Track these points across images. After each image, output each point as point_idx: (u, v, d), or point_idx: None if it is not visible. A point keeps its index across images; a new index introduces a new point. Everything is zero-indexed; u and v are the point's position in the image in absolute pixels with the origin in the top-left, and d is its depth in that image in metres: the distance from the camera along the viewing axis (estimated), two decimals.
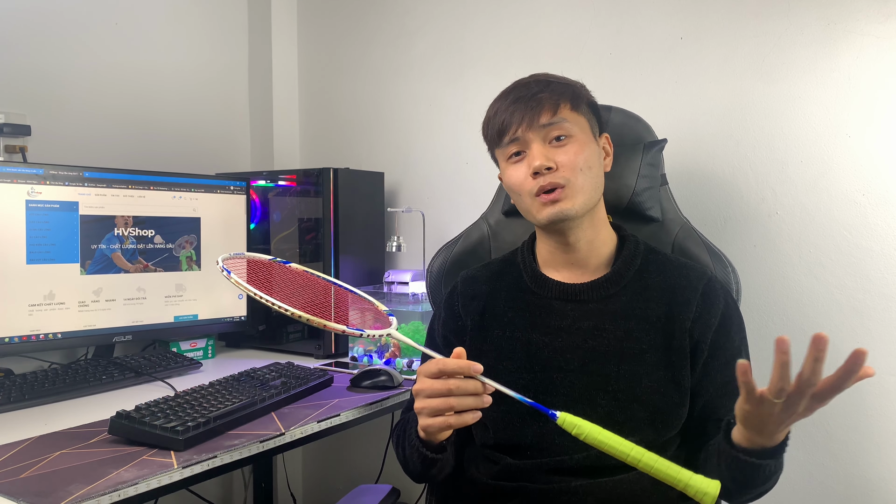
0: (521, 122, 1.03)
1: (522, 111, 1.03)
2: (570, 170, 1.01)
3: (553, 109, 1.03)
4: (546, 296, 1.09)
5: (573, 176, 1.02)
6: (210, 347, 1.76)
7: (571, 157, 1.02)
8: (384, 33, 2.05)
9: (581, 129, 1.05)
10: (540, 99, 1.03)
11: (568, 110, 1.04)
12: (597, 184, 1.05)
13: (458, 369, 0.88)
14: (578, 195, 1.02)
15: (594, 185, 1.05)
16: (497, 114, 1.06)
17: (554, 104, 1.03)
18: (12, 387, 1.29)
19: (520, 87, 1.06)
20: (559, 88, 1.05)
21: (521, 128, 1.03)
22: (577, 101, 1.06)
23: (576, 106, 1.05)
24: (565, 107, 1.03)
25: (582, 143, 1.03)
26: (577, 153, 1.02)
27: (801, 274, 1.44)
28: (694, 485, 0.79)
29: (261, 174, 1.89)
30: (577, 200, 1.02)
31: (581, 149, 1.03)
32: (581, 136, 1.04)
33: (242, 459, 1.09)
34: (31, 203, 1.42)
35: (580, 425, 0.84)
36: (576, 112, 1.05)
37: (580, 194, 1.02)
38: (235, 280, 1.02)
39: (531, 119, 1.02)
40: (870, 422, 1.38)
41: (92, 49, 1.81)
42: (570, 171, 1.01)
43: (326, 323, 0.98)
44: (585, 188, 1.03)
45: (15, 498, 0.88)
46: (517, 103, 1.04)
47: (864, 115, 1.37)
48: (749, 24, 1.47)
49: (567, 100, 1.04)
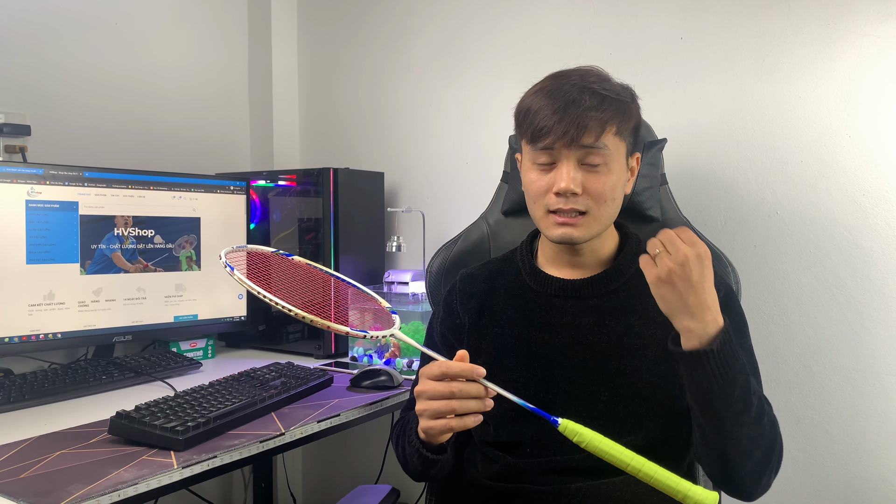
0: (563, 138, 0.96)
1: (566, 126, 0.95)
2: (596, 200, 0.99)
3: (598, 133, 0.97)
4: (545, 293, 1.09)
5: (596, 206, 1.00)
6: (210, 347, 1.76)
7: (600, 187, 0.99)
8: (384, 33, 2.05)
9: (618, 156, 1.00)
10: (589, 117, 0.96)
11: (612, 135, 0.98)
12: (614, 213, 1.04)
13: (461, 372, 0.87)
14: (594, 225, 1.01)
15: (612, 215, 1.03)
16: (539, 112, 0.98)
17: (601, 127, 0.97)
18: (12, 387, 1.29)
19: (572, 91, 0.98)
20: (612, 107, 0.98)
21: (560, 142, 0.97)
22: (624, 126, 1.00)
23: (621, 131, 1.00)
24: (610, 131, 0.98)
25: (613, 172, 1.00)
26: (606, 183, 0.99)
27: (801, 274, 1.44)
28: (693, 496, 0.79)
29: (261, 174, 1.89)
30: (592, 230, 1.02)
31: (611, 179, 1.00)
32: (615, 164, 1.00)
33: (242, 459, 1.09)
34: (31, 203, 1.42)
35: (581, 433, 0.84)
36: (618, 137, 1.00)
37: (596, 225, 1.01)
38: (238, 277, 1.01)
39: (573, 138, 0.96)
40: (870, 422, 1.38)
41: (92, 49, 1.81)
42: (595, 201, 0.99)
43: (330, 324, 0.98)
44: (603, 219, 1.02)
45: (15, 498, 0.88)
46: (564, 112, 0.96)
47: (864, 116, 1.37)
48: (749, 24, 1.47)
49: (615, 123, 0.98)
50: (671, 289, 0.85)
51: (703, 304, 0.85)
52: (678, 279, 0.84)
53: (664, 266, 0.84)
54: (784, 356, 1.46)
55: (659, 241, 0.85)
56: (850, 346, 1.40)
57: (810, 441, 1.44)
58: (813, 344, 1.43)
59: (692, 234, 0.85)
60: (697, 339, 0.85)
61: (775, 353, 1.47)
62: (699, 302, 0.84)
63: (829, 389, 1.42)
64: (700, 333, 0.85)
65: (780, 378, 1.46)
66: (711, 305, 0.85)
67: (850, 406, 1.40)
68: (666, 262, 0.84)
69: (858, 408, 1.39)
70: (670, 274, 0.84)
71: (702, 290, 0.84)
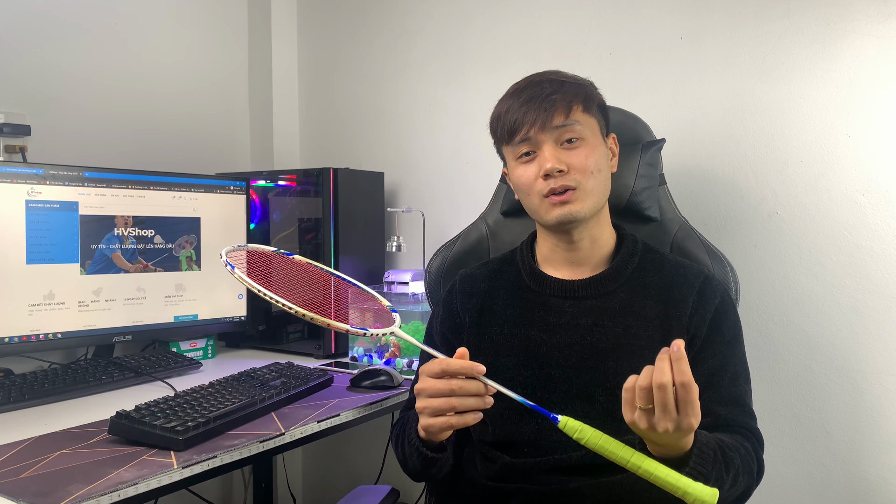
0: (534, 123, 1.02)
1: (535, 112, 1.02)
2: (581, 172, 1.02)
3: (566, 111, 1.02)
4: (544, 293, 1.09)
5: (584, 179, 1.02)
6: (210, 347, 1.76)
7: (582, 160, 1.02)
8: (384, 33, 2.05)
9: (592, 131, 1.05)
10: (553, 100, 1.02)
11: (580, 112, 1.04)
12: (605, 186, 1.06)
13: (461, 369, 0.88)
14: (589, 198, 1.03)
15: (603, 188, 1.06)
16: (508, 112, 1.05)
17: (567, 106, 1.02)
18: (12, 387, 1.29)
19: (532, 86, 1.05)
20: (572, 89, 1.04)
21: (533, 129, 1.02)
22: (589, 103, 1.05)
23: (587, 107, 1.05)
24: (577, 108, 1.03)
25: (592, 145, 1.04)
26: (587, 155, 1.02)
27: (801, 274, 1.44)
28: (692, 492, 0.79)
29: (261, 174, 1.89)
30: (588, 203, 1.03)
31: (592, 151, 1.03)
32: (592, 138, 1.04)
33: (242, 459, 1.09)
34: (31, 203, 1.42)
35: (581, 430, 0.84)
36: (587, 114, 1.05)
37: (590, 197, 1.03)
38: (239, 276, 1.01)
39: (544, 121, 1.02)
40: (870, 422, 1.38)
41: (92, 49, 1.81)
42: (580, 173, 1.02)
43: (331, 322, 0.98)
44: (595, 191, 1.04)
45: (15, 498, 0.88)
46: (530, 103, 1.03)
47: (864, 115, 1.37)
48: (749, 24, 1.47)
49: (580, 101, 1.04)
50: (640, 432, 0.82)
51: (668, 446, 0.83)
52: (651, 434, 0.80)
53: (642, 422, 0.79)
54: (784, 356, 1.46)
55: (650, 394, 0.77)
56: (850, 346, 1.40)
57: (810, 441, 1.44)
58: (813, 344, 1.43)
59: (689, 398, 0.76)
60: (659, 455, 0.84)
61: (775, 353, 1.47)
62: (666, 446, 0.83)
63: (829, 389, 1.42)
64: (662, 454, 0.84)
65: (780, 378, 1.46)
66: (678, 446, 0.83)
67: (850, 406, 1.40)
68: (645, 421, 0.79)
69: (858, 408, 1.39)
70: (647, 430, 0.80)
71: (674, 444, 0.82)
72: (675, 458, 0.84)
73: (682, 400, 0.76)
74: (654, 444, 0.83)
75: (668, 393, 0.76)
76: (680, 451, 0.84)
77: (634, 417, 0.80)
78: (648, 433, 0.80)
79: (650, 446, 0.85)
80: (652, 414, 0.78)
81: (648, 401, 0.78)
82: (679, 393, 0.76)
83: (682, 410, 0.77)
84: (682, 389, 0.76)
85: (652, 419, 0.78)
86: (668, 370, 0.76)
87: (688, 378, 0.76)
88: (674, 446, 0.83)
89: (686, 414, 0.77)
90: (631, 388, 0.80)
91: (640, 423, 0.79)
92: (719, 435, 0.92)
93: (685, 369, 0.76)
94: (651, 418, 0.78)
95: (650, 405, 0.78)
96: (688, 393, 0.76)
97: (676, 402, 0.76)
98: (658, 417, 0.77)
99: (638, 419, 0.79)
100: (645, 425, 0.79)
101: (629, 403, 0.80)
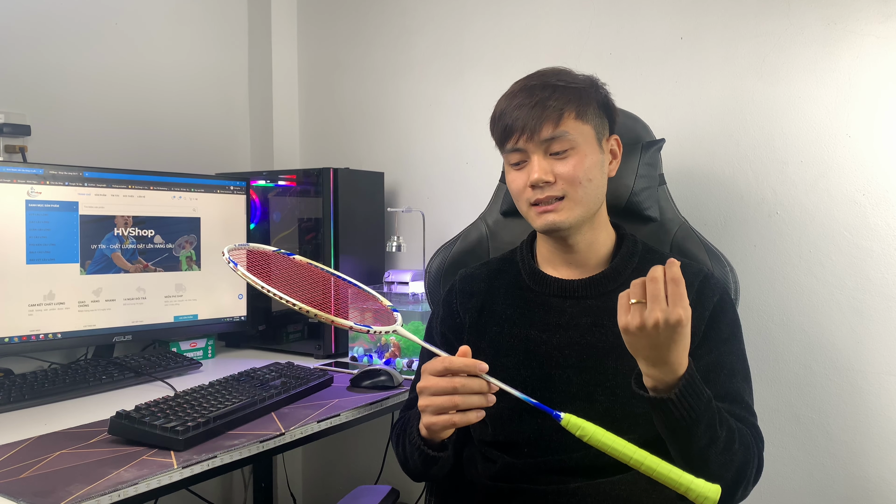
0: (523, 133, 1.01)
1: (524, 120, 1.01)
2: (570, 183, 1.01)
3: (555, 122, 1.01)
4: (544, 293, 1.09)
5: (572, 189, 1.02)
6: (210, 347, 1.76)
7: (570, 171, 1.01)
8: (384, 33, 2.05)
9: (585, 139, 1.03)
10: (544, 108, 1.01)
11: (572, 120, 1.02)
12: (596, 194, 1.05)
13: (464, 367, 0.88)
14: (576, 208, 1.03)
15: (594, 197, 1.04)
16: (502, 116, 1.05)
17: (557, 116, 1.01)
18: (12, 387, 1.29)
19: (526, 91, 1.04)
20: (566, 95, 1.02)
21: (522, 138, 1.02)
22: (584, 108, 1.03)
23: (581, 114, 1.03)
24: (569, 116, 1.02)
25: (584, 154, 1.02)
26: (576, 166, 1.02)
27: (801, 274, 1.44)
28: (695, 489, 0.79)
29: (261, 174, 1.89)
30: (574, 213, 1.03)
31: (581, 161, 1.02)
32: (584, 146, 1.03)
33: (242, 459, 1.09)
34: (31, 203, 1.42)
35: (584, 427, 0.84)
36: (580, 121, 1.03)
37: (578, 207, 1.03)
38: (242, 272, 1.00)
39: (532, 131, 1.01)
40: (870, 422, 1.38)
41: (92, 49, 1.81)
42: (568, 184, 1.02)
43: (334, 318, 0.97)
44: (584, 200, 1.03)
45: (15, 498, 0.88)
46: (521, 109, 1.02)
47: (864, 115, 1.37)
48: (749, 24, 1.47)
49: (572, 108, 1.02)
50: (635, 339, 0.84)
51: (664, 360, 0.84)
52: (644, 336, 0.83)
53: (635, 319, 0.82)
54: (784, 356, 1.46)
55: (643, 288, 0.82)
56: (850, 346, 1.40)
57: (810, 441, 1.44)
58: (813, 344, 1.43)
59: (678, 291, 0.81)
60: (654, 383, 0.86)
61: (775, 353, 1.47)
62: (660, 357, 0.84)
63: (829, 389, 1.42)
64: (657, 379, 0.86)
65: (780, 378, 1.46)
66: (673, 361, 0.84)
67: (850, 406, 1.40)
68: (637, 316, 0.82)
69: (858, 408, 1.39)
70: (639, 328, 0.82)
71: (666, 351, 0.83)
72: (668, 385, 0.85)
73: (671, 293, 0.81)
74: (648, 360, 0.85)
75: (659, 284, 0.81)
76: (673, 376, 0.85)
77: (628, 317, 0.83)
78: (641, 337, 0.83)
79: (645, 369, 0.86)
80: (644, 308, 0.82)
81: (641, 295, 0.82)
82: (669, 287, 0.81)
83: (671, 301, 0.81)
84: (671, 283, 0.81)
85: (644, 313, 0.82)
86: (661, 269, 0.82)
87: (678, 276, 0.81)
88: (667, 359, 0.84)
89: (675, 304, 0.81)
90: (625, 293, 0.84)
91: (633, 321, 0.82)
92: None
93: (675, 271, 0.82)
94: (643, 312, 0.82)
95: (643, 299, 0.82)
96: (676, 287, 0.81)
97: (666, 295, 0.81)
98: (649, 309, 0.81)
99: (631, 318, 0.83)
100: (637, 320, 0.82)
101: (623, 307, 0.84)
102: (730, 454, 0.91)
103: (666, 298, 0.81)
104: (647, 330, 0.82)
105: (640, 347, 0.85)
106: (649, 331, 0.82)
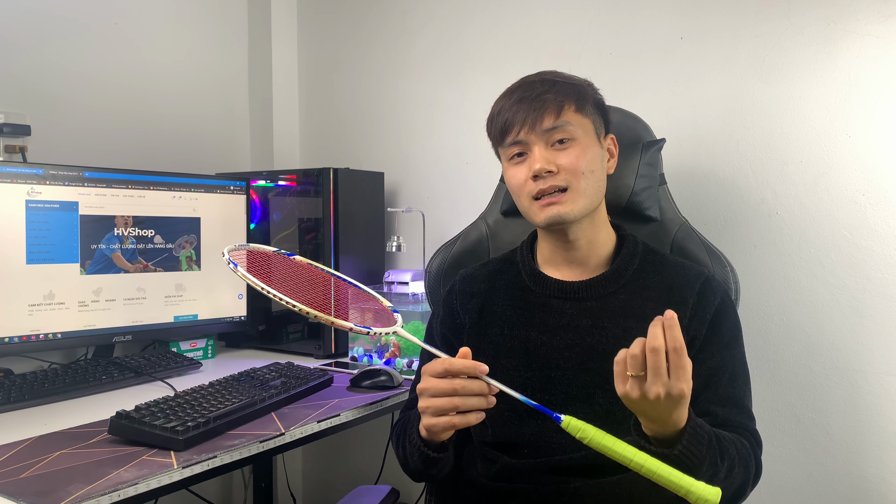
0: (524, 125, 1.02)
1: (525, 112, 1.02)
2: (572, 173, 1.01)
3: (557, 112, 1.02)
4: (544, 294, 1.09)
5: (574, 179, 1.01)
6: (210, 347, 1.76)
7: (573, 161, 1.01)
8: (384, 33, 2.05)
9: (585, 131, 1.04)
10: (544, 100, 1.01)
11: (572, 112, 1.03)
12: (598, 187, 1.05)
13: (464, 369, 0.88)
14: (579, 199, 1.02)
15: (595, 189, 1.04)
16: (501, 112, 1.05)
17: (558, 107, 1.02)
18: (12, 387, 1.29)
19: (525, 87, 1.05)
20: (564, 89, 1.03)
21: (523, 130, 1.02)
22: (583, 102, 1.04)
23: (580, 107, 1.04)
24: (569, 109, 1.02)
25: (585, 146, 1.03)
26: (579, 156, 1.02)
27: (801, 274, 1.44)
28: (695, 491, 0.79)
29: (261, 174, 1.89)
30: (578, 204, 1.02)
31: (583, 152, 1.02)
32: (584, 138, 1.03)
33: (242, 459, 1.09)
34: (31, 203, 1.42)
35: (584, 429, 0.84)
36: (580, 114, 1.04)
37: (581, 198, 1.02)
38: (242, 273, 1.00)
39: (534, 121, 1.01)
40: (870, 422, 1.38)
41: (92, 49, 1.81)
42: (571, 174, 1.01)
43: (334, 320, 0.97)
44: (587, 192, 1.03)
45: (15, 498, 0.88)
46: (521, 103, 1.03)
47: (864, 115, 1.37)
48: (749, 24, 1.47)
49: (572, 101, 1.03)
50: (634, 405, 0.83)
51: (664, 420, 0.83)
52: (646, 404, 0.81)
53: (634, 391, 0.80)
54: (784, 356, 1.46)
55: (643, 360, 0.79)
56: (850, 346, 1.40)
57: (810, 441, 1.44)
58: (813, 344, 1.43)
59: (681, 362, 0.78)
60: (655, 434, 0.86)
61: (775, 353, 1.47)
62: (660, 418, 0.83)
63: (829, 389, 1.42)
64: (658, 432, 0.85)
65: (780, 378, 1.46)
66: (675, 419, 0.83)
67: (850, 406, 1.40)
68: (637, 389, 0.80)
69: (858, 408, 1.39)
70: (640, 398, 0.80)
71: (668, 414, 0.82)
72: (669, 437, 0.84)
73: (673, 365, 0.78)
74: (648, 418, 0.84)
75: (661, 356, 0.78)
76: (674, 429, 0.84)
77: (627, 388, 0.81)
78: (641, 403, 0.81)
79: (644, 423, 0.85)
80: (644, 381, 0.79)
81: (640, 368, 0.79)
82: (671, 358, 0.78)
83: (673, 375, 0.78)
84: (673, 354, 0.78)
85: (644, 385, 0.79)
86: (661, 335, 0.78)
87: (680, 344, 0.78)
88: (667, 420, 0.83)
89: (677, 378, 0.78)
90: (622, 359, 0.81)
91: (633, 393, 0.80)
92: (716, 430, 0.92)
93: (677, 336, 0.78)
94: (643, 385, 0.79)
95: (642, 372, 0.79)
96: (679, 358, 0.78)
97: (668, 368, 0.78)
98: (650, 382, 0.78)
99: (630, 389, 0.80)
100: (637, 393, 0.80)
101: (621, 375, 0.82)
102: (729, 480, 0.92)
103: (668, 372, 0.78)
104: (648, 400, 0.80)
105: (639, 411, 0.84)
106: (651, 401, 0.80)
